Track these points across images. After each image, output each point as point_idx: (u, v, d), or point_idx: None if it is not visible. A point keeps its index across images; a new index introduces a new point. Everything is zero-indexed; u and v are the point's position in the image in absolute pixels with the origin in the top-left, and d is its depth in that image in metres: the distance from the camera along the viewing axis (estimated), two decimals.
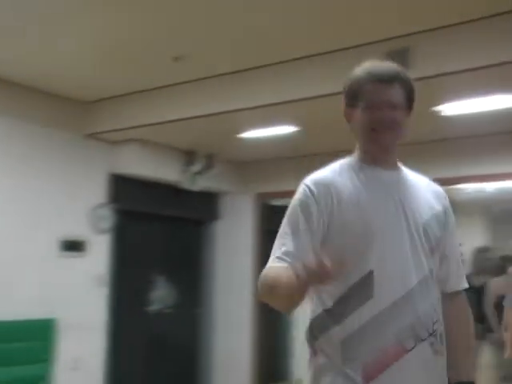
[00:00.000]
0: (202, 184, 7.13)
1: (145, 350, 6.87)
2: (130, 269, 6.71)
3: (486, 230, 9.38)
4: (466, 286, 1.93)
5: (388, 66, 1.90)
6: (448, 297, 1.89)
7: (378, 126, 1.84)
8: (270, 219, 7.66)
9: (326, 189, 1.84)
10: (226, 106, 5.30)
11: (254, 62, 5.01)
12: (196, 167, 6.95)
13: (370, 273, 1.72)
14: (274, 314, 7.98)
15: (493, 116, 5.32)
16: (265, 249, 7.58)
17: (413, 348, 1.70)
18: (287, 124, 5.82)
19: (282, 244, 1.84)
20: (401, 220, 1.81)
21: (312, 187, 1.87)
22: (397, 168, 1.95)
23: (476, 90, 4.73)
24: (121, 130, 5.99)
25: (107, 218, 6.34)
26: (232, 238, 7.68)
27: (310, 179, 1.92)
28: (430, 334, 1.75)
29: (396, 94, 1.84)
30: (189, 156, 6.95)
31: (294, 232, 1.83)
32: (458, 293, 1.92)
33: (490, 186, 7.61)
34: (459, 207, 8.34)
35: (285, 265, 1.74)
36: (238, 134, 6.15)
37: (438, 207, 1.92)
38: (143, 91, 5.70)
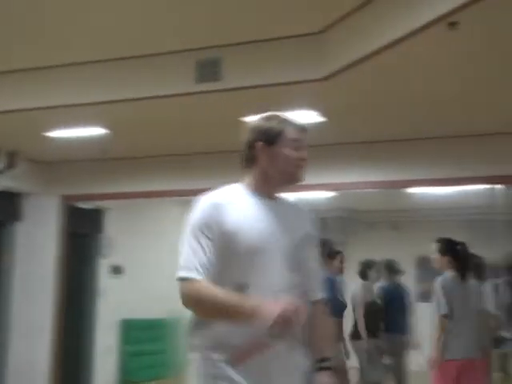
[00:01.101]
0: (2, 183, 6.74)
1: None
2: None
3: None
4: (324, 295, 2.37)
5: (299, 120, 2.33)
6: (313, 303, 2.30)
7: (301, 165, 2.28)
8: (76, 222, 7.45)
9: (220, 208, 2.16)
10: (30, 103, 5.10)
11: (59, 60, 4.87)
12: None
13: (246, 284, 2.10)
14: (77, 319, 7.76)
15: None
16: (70, 252, 7.41)
17: (274, 342, 2.06)
18: (96, 126, 5.70)
19: (192, 256, 2.12)
20: (277, 242, 2.18)
21: (209, 206, 2.18)
22: (278, 198, 2.34)
23: (279, 104, 4.97)
24: None
25: None
26: (34, 240, 7.33)
27: (208, 198, 2.21)
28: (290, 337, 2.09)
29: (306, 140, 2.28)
30: None
31: (199, 246, 2.13)
32: (319, 300, 2.35)
33: (292, 196, 8.02)
34: None
35: (200, 276, 2.08)
36: (44, 132, 5.90)
37: (307, 228, 2.33)
38: None
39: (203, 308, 2.09)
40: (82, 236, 7.85)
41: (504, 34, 3.58)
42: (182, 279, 2.11)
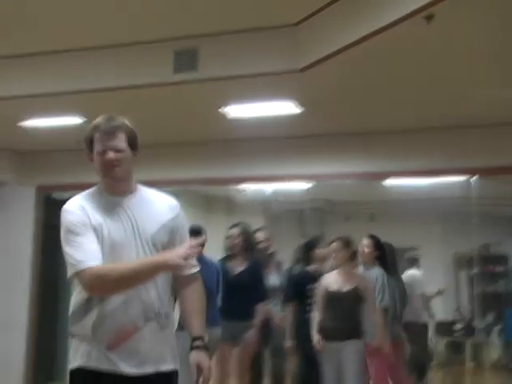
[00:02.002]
0: None
1: None
2: None
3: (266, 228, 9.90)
4: (196, 269, 2.61)
5: (113, 120, 2.58)
6: (184, 279, 2.58)
7: (109, 165, 2.49)
8: (52, 213, 7.39)
9: (84, 209, 2.49)
10: (5, 91, 5.04)
11: (34, 48, 4.82)
12: None
13: None
14: (53, 312, 7.71)
15: (273, 121, 5.65)
16: (46, 243, 7.33)
17: (144, 325, 2.40)
18: (72, 115, 5.65)
19: (77, 252, 2.39)
20: (133, 235, 2.45)
21: (77, 208, 2.50)
22: (132, 192, 2.59)
23: (257, 95, 5.00)
24: None
25: None
26: (9, 231, 7.26)
27: (73, 202, 2.54)
28: (156, 315, 2.43)
29: (118, 141, 2.52)
30: None
31: (82, 240, 2.41)
32: (191, 275, 2.59)
33: (269, 187, 8.05)
34: (239, 207, 8.74)
35: (92, 263, 2.34)
36: (20, 122, 5.84)
37: (168, 216, 2.56)
38: None
39: (112, 282, 2.34)
40: (57, 227, 7.78)
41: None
42: (77, 274, 2.36)
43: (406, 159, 5.99)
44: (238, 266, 5.52)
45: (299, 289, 5.40)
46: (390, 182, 6.91)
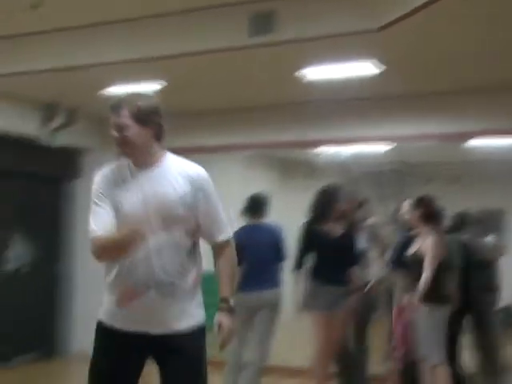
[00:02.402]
0: (62, 140, 6.88)
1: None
2: None
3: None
4: (226, 236, 2.69)
5: (119, 97, 2.66)
6: (217, 245, 2.68)
7: (116, 143, 2.64)
8: None
9: (106, 180, 2.67)
10: (87, 59, 5.14)
11: (118, 15, 4.87)
12: (56, 122, 6.69)
13: None
14: None
15: (351, 82, 5.55)
16: None
17: (145, 291, 2.53)
18: (152, 81, 5.74)
19: (93, 219, 2.61)
20: (145, 207, 2.54)
21: (101, 178, 2.68)
22: (154, 164, 2.64)
23: (336, 56, 4.91)
24: None
25: None
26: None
27: (100, 173, 2.72)
28: (156, 284, 2.52)
29: (121, 118, 2.60)
30: (49, 110, 6.66)
31: (98, 209, 2.62)
32: (222, 242, 2.68)
33: (347, 150, 7.96)
34: (317, 170, 8.69)
35: (99, 233, 2.55)
36: (102, 89, 5.98)
37: (186, 189, 2.58)
38: (2, 38, 5.35)
39: (106, 251, 2.56)
40: None
41: None
42: (90, 240, 2.57)
43: (489, 119, 5.79)
44: (335, 230, 5.27)
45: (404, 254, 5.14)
46: (473, 142, 6.71)
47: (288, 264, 5.21)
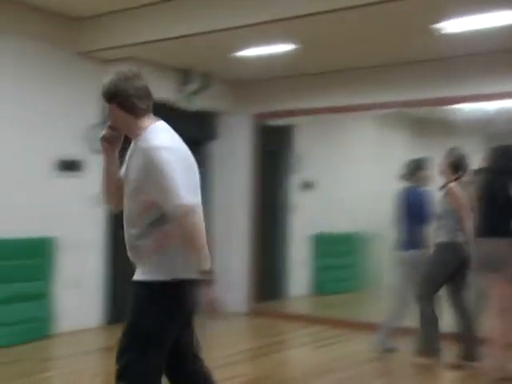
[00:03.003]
0: (197, 104, 7.06)
1: None
2: None
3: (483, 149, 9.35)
4: (176, 212, 2.60)
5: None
6: (168, 217, 2.63)
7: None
8: (267, 139, 7.65)
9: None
10: (223, 23, 5.18)
11: None
12: (192, 86, 6.87)
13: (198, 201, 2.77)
14: (271, 233, 8.08)
15: (493, 33, 5.23)
16: (262, 169, 7.66)
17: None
18: (285, 42, 5.72)
19: (185, 183, 2.65)
20: (126, 177, 2.78)
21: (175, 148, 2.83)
22: (135, 141, 2.82)
23: (477, 6, 4.63)
24: (114, 48, 5.88)
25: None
26: (229, 158, 7.68)
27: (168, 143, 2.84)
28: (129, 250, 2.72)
29: (108, 110, 2.83)
30: (184, 75, 6.85)
31: (184, 175, 2.68)
32: (171, 215, 2.62)
33: (489, 106, 7.55)
34: (457, 127, 8.32)
35: (197, 200, 2.76)
36: (235, 52, 6.04)
37: (140, 164, 2.69)
38: (138, 7, 5.54)
39: (195, 235, 2.65)
40: (273, 153, 8.07)
41: None
42: (181, 206, 2.58)
43: None
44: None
45: None
46: None
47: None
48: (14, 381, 4.54)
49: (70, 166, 6.12)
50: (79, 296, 6.04)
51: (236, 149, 7.62)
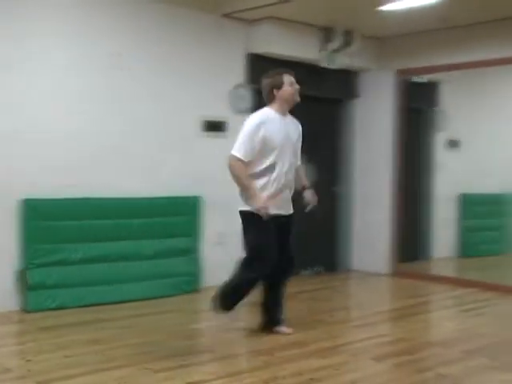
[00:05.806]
0: (340, 62, 6.97)
1: None
2: None
3: None
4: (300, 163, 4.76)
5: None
6: (298, 167, 4.77)
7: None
8: (411, 96, 7.42)
9: (263, 123, 4.40)
10: None
11: None
12: (334, 44, 6.78)
13: (275, 162, 4.42)
14: (415, 191, 7.92)
15: None
16: (405, 126, 7.47)
17: (284, 191, 4.53)
18: None
19: (243, 145, 4.36)
20: (288, 140, 4.51)
21: (258, 120, 4.42)
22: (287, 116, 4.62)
23: None
24: (257, 8, 5.92)
25: (246, 98, 6.42)
26: (371, 116, 7.55)
27: (258, 116, 4.48)
28: (290, 188, 4.61)
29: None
30: (326, 33, 6.77)
31: (249, 140, 4.36)
32: (299, 165, 4.77)
33: None
34: None
35: (244, 159, 4.36)
36: (378, 6, 5.88)
37: (299, 131, 4.70)
38: None
39: (235, 177, 4.37)
40: (416, 110, 7.82)
41: None
42: (234, 156, 4.33)
43: None
44: None
45: None
46: None
47: None
48: (172, 327, 4.82)
49: (215, 126, 6.31)
50: (223, 252, 6.27)
51: (378, 107, 7.47)
